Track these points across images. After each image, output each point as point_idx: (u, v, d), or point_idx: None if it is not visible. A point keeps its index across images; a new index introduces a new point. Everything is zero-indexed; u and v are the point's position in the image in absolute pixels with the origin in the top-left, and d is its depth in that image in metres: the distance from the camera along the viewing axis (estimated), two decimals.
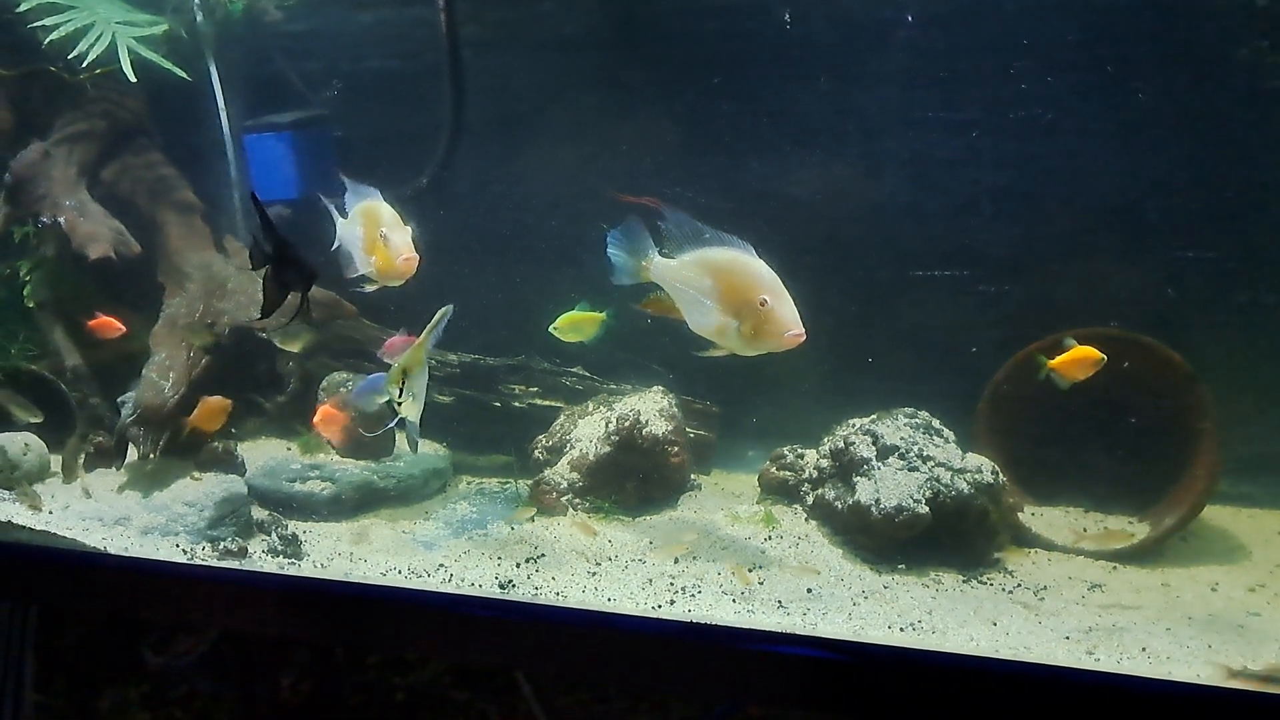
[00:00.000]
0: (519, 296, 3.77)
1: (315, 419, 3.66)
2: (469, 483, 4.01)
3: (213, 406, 3.60)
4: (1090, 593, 2.98)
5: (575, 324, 3.54)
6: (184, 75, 3.86)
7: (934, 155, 3.72)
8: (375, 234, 2.96)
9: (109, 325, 3.81)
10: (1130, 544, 3.24)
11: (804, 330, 2.58)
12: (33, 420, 3.89)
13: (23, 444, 3.74)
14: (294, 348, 3.74)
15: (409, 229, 2.96)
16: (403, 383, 2.85)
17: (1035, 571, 3.14)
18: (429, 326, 2.86)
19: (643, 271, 2.83)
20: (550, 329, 3.55)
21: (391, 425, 3.24)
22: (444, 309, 2.87)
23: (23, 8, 3.74)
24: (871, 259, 3.86)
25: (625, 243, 2.82)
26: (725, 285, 2.66)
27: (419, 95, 4.12)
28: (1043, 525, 3.42)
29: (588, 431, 3.81)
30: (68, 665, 4.25)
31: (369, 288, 3.09)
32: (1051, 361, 3.20)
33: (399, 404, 2.86)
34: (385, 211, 2.99)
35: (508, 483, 3.97)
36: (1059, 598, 2.92)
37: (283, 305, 2.65)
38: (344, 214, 3.10)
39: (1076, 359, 3.16)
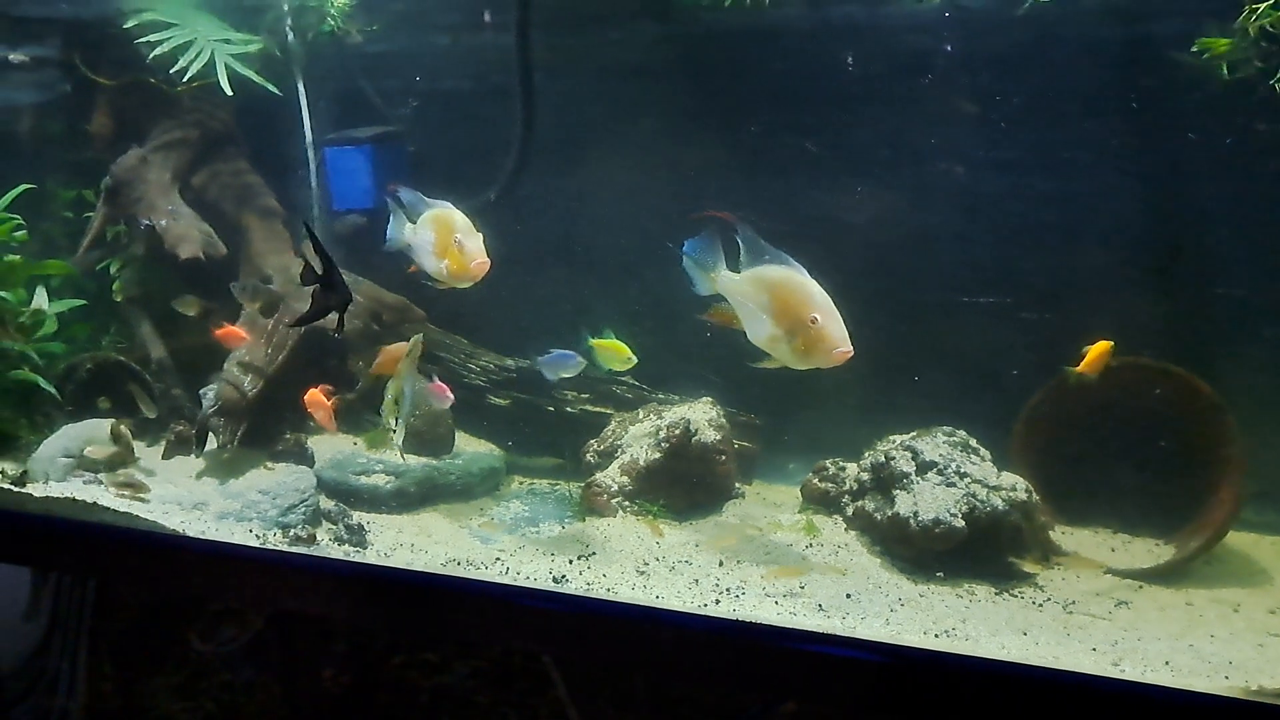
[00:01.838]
0: (577, 307, 3.94)
1: (306, 396, 3.67)
2: (520, 482, 4.13)
3: (393, 353, 3.62)
4: (1117, 609, 3.05)
5: (610, 352, 3.72)
6: (275, 91, 4.05)
7: (980, 188, 3.82)
8: (447, 239, 3.12)
9: (233, 335, 3.95)
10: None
11: (851, 348, 2.68)
12: (149, 416, 4.09)
13: (109, 430, 3.90)
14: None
15: (480, 235, 3.13)
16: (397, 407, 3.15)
17: (1065, 587, 3.20)
18: (405, 353, 3.16)
19: (712, 283, 2.96)
20: (607, 370, 3.79)
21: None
22: (416, 336, 3.23)
23: (129, 25, 3.95)
24: (918, 284, 3.95)
25: (699, 256, 2.96)
26: (780, 302, 2.78)
27: (490, 114, 4.28)
28: (1073, 545, 3.49)
29: (639, 438, 3.91)
30: (116, 649, 4.40)
31: (440, 285, 3.30)
32: (1077, 368, 3.35)
33: (393, 431, 3.14)
34: (459, 219, 3.14)
35: (558, 484, 4.09)
36: (1087, 612, 3.00)
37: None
38: (411, 219, 3.25)
39: (1093, 359, 3.33)
